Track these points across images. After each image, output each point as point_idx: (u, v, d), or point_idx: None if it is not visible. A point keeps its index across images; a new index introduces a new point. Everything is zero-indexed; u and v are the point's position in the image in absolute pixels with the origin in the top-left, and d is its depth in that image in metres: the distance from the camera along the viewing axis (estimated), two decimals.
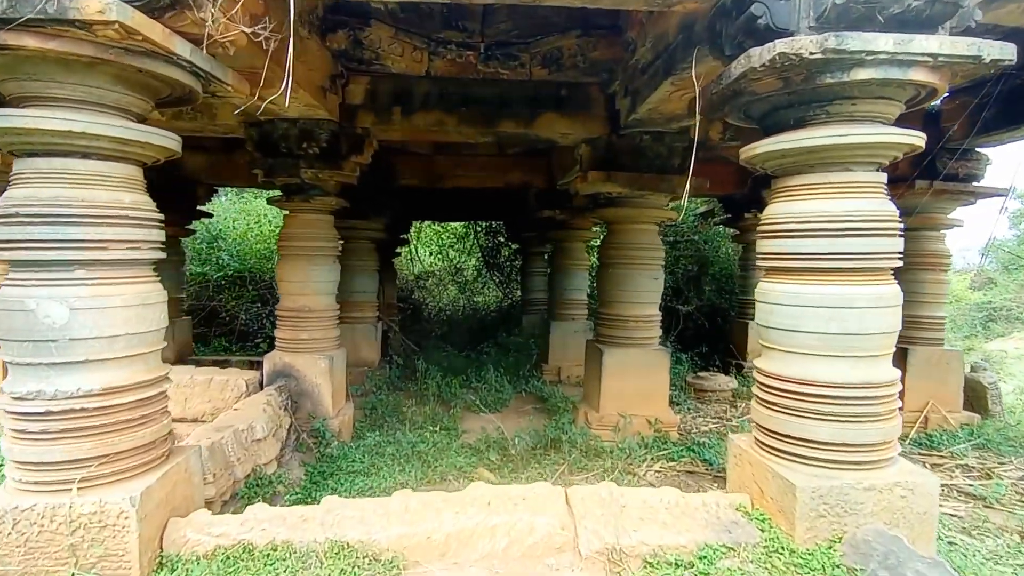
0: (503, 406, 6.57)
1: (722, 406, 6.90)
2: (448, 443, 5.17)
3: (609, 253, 5.46)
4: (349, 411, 5.49)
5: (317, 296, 5.19)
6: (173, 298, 8.30)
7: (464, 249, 15.45)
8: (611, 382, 5.30)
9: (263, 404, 4.17)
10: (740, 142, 5.51)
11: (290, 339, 5.16)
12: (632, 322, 5.36)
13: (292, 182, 5.05)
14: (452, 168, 8.13)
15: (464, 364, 9.12)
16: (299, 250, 5.13)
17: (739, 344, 8.77)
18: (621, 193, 5.25)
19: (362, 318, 8.09)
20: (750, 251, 8.82)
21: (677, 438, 5.36)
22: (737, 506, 2.52)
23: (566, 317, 8.47)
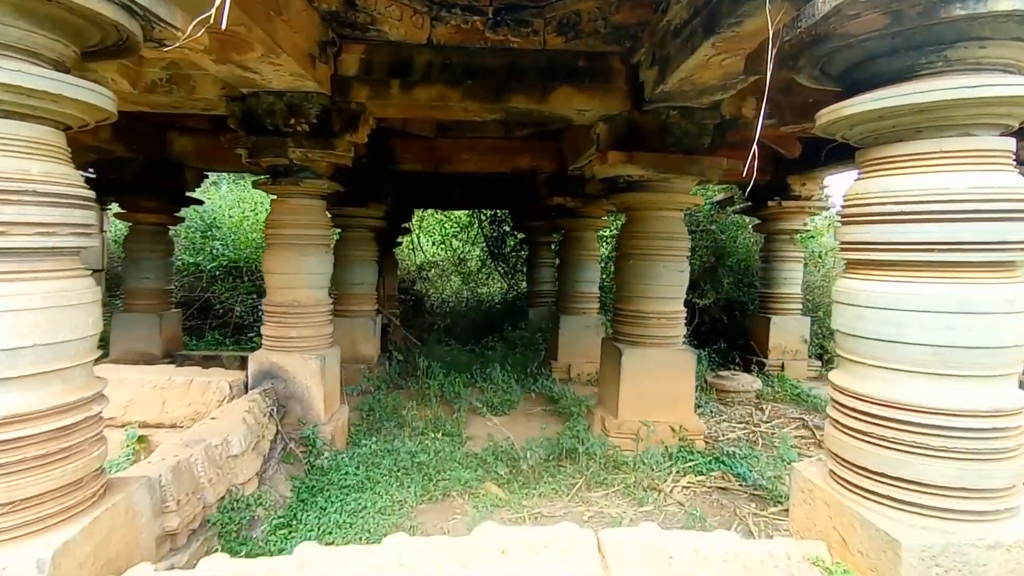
0: (511, 408, 6.09)
1: (746, 408, 6.42)
2: (452, 451, 4.70)
3: (629, 243, 4.95)
4: (343, 415, 5.02)
5: (308, 290, 4.70)
6: (161, 289, 7.90)
7: (468, 239, 14.94)
8: (631, 385, 4.81)
9: (243, 412, 3.69)
10: (776, 120, 5.01)
11: (278, 337, 4.68)
12: (654, 319, 4.87)
13: (279, 163, 4.55)
14: (456, 152, 7.60)
15: (468, 360, 8.65)
16: (288, 239, 4.63)
17: (760, 341, 8.27)
18: (643, 176, 4.74)
19: (360, 311, 7.62)
20: (773, 242, 8.30)
21: (703, 447, 4.87)
22: (813, 559, 2.03)
23: (576, 311, 7.98)
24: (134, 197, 7.23)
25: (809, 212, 8.06)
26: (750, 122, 4.86)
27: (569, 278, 8.03)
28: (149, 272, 7.43)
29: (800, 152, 6.62)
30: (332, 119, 4.55)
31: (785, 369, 7.99)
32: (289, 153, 4.41)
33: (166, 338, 7.55)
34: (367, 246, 7.67)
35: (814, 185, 7.90)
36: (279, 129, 4.40)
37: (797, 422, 5.90)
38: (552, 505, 3.96)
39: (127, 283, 7.47)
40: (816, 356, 8.44)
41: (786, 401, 6.72)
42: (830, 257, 9.37)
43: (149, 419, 4.56)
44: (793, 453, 4.71)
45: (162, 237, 7.58)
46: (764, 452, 4.94)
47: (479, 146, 7.60)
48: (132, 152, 6.60)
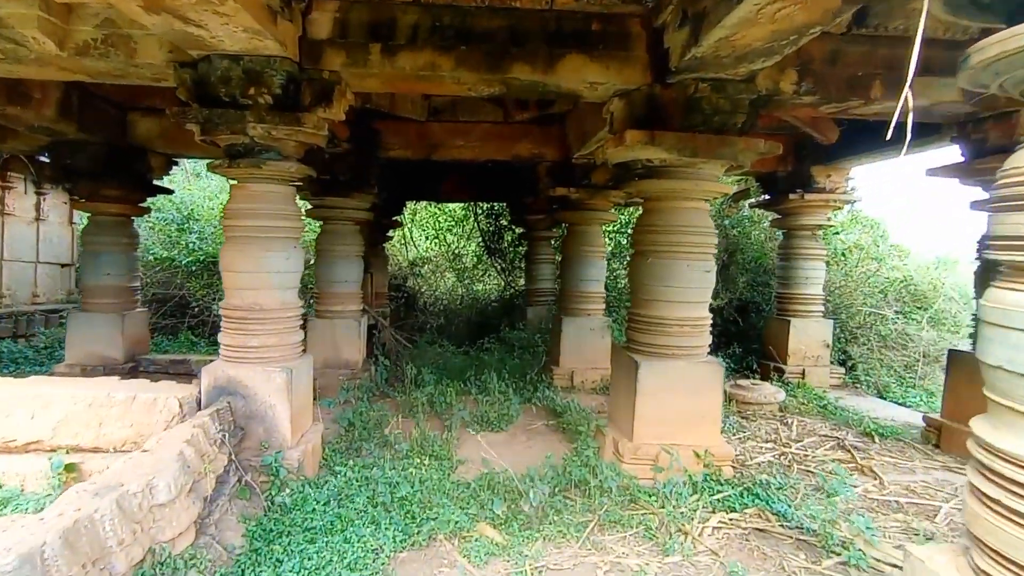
0: (509, 423, 5.42)
1: (771, 424, 5.77)
2: (440, 480, 4.03)
3: (647, 239, 4.28)
4: (315, 436, 4.34)
5: (272, 291, 4.01)
6: (123, 287, 7.15)
7: (463, 233, 14.25)
8: (649, 403, 4.15)
9: (182, 443, 3.01)
10: (819, 97, 4.33)
11: (237, 346, 4.00)
12: (676, 326, 4.20)
13: (237, 141, 3.86)
14: (449, 137, 6.91)
15: (462, 364, 8.00)
16: (248, 231, 3.94)
17: (778, 345, 7.62)
18: (665, 161, 4.06)
19: (343, 312, 6.93)
20: (793, 238, 7.65)
21: (731, 474, 4.22)
22: None
23: (580, 312, 7.31)
24: (93, 185, 6.52)
25: (833, 206, 7.40)
26: (788, 99, 4.19)
27: (572, 276, 7.35)
28: (110, 268, 6.72)
29: (837, 137, 5.95)
30: (301, 90, 3.86)
31: (806, 376, 7.35)
32: (249, 129, 3.72)
33: (129, 340, 6.86)
34: (351, 240, 6.97)
35: (840, 176, 7.25)
36: (236, 101, 3.70)
37: (830, 440, 5.25)
38: (559, 552, 3.29)
39: (85, 280, 6.77)
40: (839, 362, 7.80)
41: (813, 414, 6.08)
42: (853, 254, 8.73)
43: (83, 443, 3.87)
44: (840, 485, 4.05)
45: (125, 229, 6.87)
46: (801, 479, 4.29)
47: (475, 131, 6.91)
48: (87, 134, 5.89)
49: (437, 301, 13.23)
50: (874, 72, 4.11)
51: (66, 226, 10.68)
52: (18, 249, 9.73)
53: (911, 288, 8.40)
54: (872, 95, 4.11)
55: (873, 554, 3.13)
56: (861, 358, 7.67)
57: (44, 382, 4.14)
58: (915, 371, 7.43)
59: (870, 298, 8.19)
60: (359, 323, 6.99)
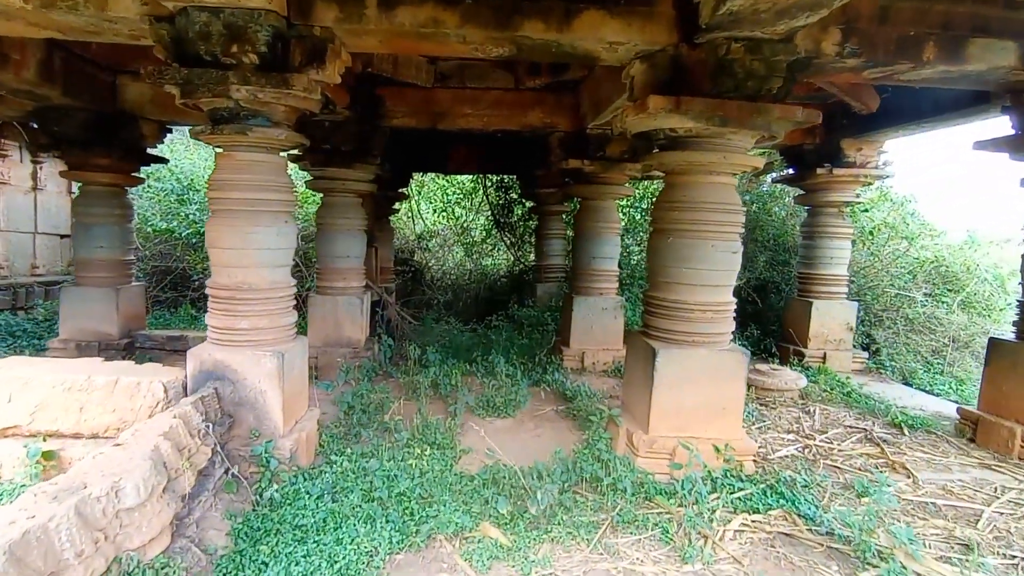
0: (516, 408, 5.16)
1: (791, 412, 5.47)
2: (441, 473, 3.78)
3: (668, 216, 3.93)
4: (310, 422, 4.09)
5: (260, 269, 3.72)
6: (117, 260, 6.87)
7: (472, 206, 13.87)
8: (667, 394, 3.86)
9: (158, 436, 2.76)
10: (864, 59, 3.91)
11: (224, 328, 3.73)
12: (698, 311, 3.88)
13: (220, 105, 3.52)
14: (456, 105, 6.52)
15: (469, 343, 7.74)
16: (235, 204, 3.63)
17: (799, 327, 7.28)
18: (691, 131, 3.68)
19: (345, 288, 6.64)
20: (818, 215, 7.24)
21: (752, 470, 3.94)
22: None
23: (592, 291, 6.99)
24: (82, 153, 6.22)
25: (863, 181, 6.97)
26: (829, 62, 3.79)
27: (585, 253, 7.01)
28: (103, 240, 6.46)
29: (878, 106, 5.50)
30: (289, 49, 3.50)
31: (827, 360, 7.03)
32: (232, 92, 3.37)
33: (125, 315, 6.63)
34: (353, 213, 6.65)
35: (872, 150, 6.80)
36: (218, 60, 3.35)
37: (857, 432, 4.95)
38: (568, 557, 3.04)
39: (78, 253, 6.51)
40: (862, 346, 7.45)
41: (836, 402, 5.77)
42: (881, 233, 8.28)
43: (63, 428, 3.65)
44: (870, 484, 3.76)
45: (117, 200, 6.58)
46: (828, 476, 4.00)
47: (484, 99, 6.52)
48: (73, 99, 5.56)
49: (444, 276, 12.94)
50: (928, 32, 3.69)
51: (64, 196, 10.42)
52: (16, 219, 9.50)
53: (942, 269, 7.98)
54: (924, 57, 3.70)
55: (915, 568, 2.84)
56: (886, 342, 7.32)
57: (22, 363, 3.91)
58: (943, 357, 7.08)
59: (897, 279, 7.79)
60: (362, 300, 6.71)
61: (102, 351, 6.45)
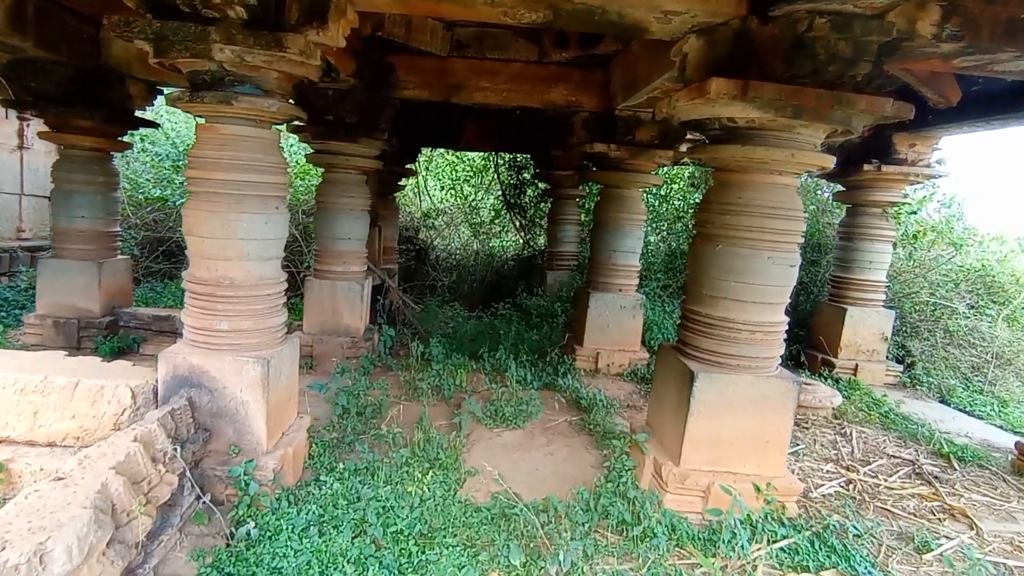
0: (526, 419, 4.69)
1: (826, 433, 5.00)
2: (443, 501, 3.33)
3: (718, 220, 3.40)
4: (299, 433, 3.63)
5: (245, 262, 3.21)
6: (100, 231, 6.31)
7: (482, 185, 13.27)
8: (703, 423, 3.38)
9: (108, 473, 2.28)
10: (966, 43, 3.34)
11: (202, 328, 3.24)
12: (746, 332, 3.37)
13: (201, 68, 2.98)
14: (474, 77, 5.92)
15: (475, 333, 7.28)
16: (216, 186, 3.11)
17: (830, 336, 6.80)
18: (753, 122, 3.13)
19: (345, 273, 6.15)
20: (859, 215, 6.70)
21: (795, 513, 3.48)
22: None
23: (611, 287, 6.48)
24: (62, 114, 5.65)
25: (912, 180, 6.40)
26: (923, 45, 3.20)
27: (604, 246, 6.48)
28: (84, 209, 5.94)
29: (959, 100, 4.90)
30: (285, 3, 2.94)
31: (859, 372, 6.55)
32: (214, 52, 2.83)
33: (108, 291, 6.15)
34: (356, 192, 6.12)
35: (926, 147, 6.21)
36: (198, 12, 2.80)
37: (903, 464, 4.48)
38: None
39: (56, 222, 5.99)
40: (896, 358, 6.96)
41: (873, 424, 5.30)
42: (926, 237, 7.72)
43: (15, 435, 3.20)
44: (932, 538, 3.31)
45: (102, 166, 6.05)
46: (881, 523, 3.54)
47: (504, 72, 5.92)
48: (49, 52, 4.99)
49: (450, 256, 12.43)
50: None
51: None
52: (0, 179, 8.97)
53: (987, 279, 7.44)
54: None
55: None
56: (922, 355, 6.82)
57: None
58: (984, 374, 6.59)
59: (938, 287, 7.26)
60: (362, 286, 6.22)
61: (82, 329, 6.00)
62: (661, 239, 10.14)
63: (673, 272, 8.84)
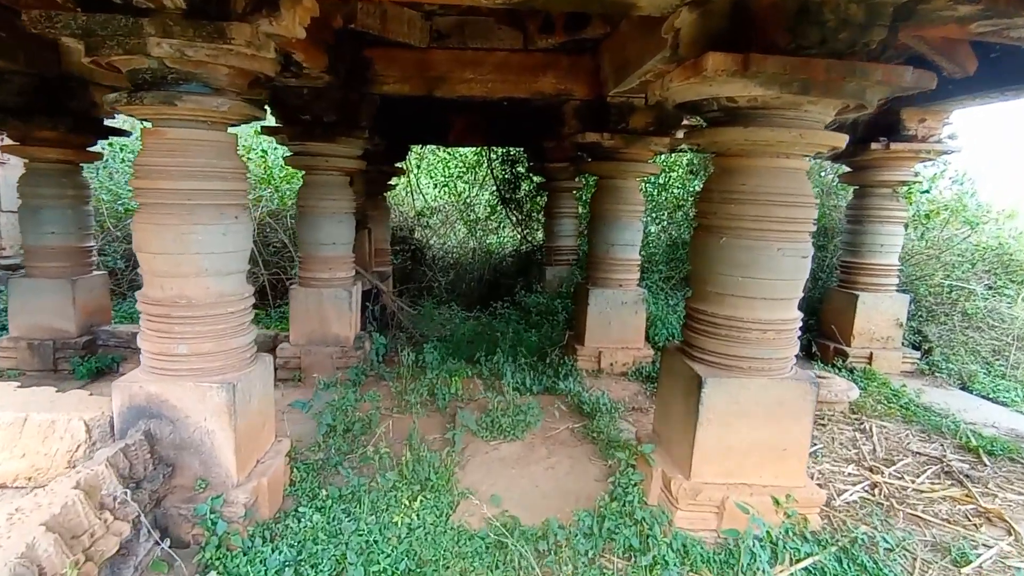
0: (526, 429, 4.40)
1: (844, 430, 4.71)
2: (435, 527, 3.05)
3: (721, 210, 3.10)
4: (278, 458, 3.35)
5: (202, 279, 2.92)
6: (73, 248, 6.00)
7: (476, 181, 12.95)
8: (714, 432, 3.09)
9: (38, 528, 2.00)
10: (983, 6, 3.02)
11: (158, 354, 2.96)
12: (756, 331, 3.08)
13: (140, 66, 2.68)
14: (456, 69, 5.61)
15: (472, 334, 7.00)
16: (166, 196, 2.82)
17: (841, 324, 6.48)
18: (756, 100, 2.82)
19: (331, 280, 5.86)
20: (868, 196, 6.37)
21: (818, 525, 3.19)
22: None
23: (610, 283, 6.17)
24: (23, 124, 5.36)
25: (923, 157, 6.06)
26: (939, 9, 2.88)
27: (602, 239, 6.17)
28: (55, 225, 5.65)
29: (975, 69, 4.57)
30: None
31: (873, 361, 6.25)
32: (151, 47, 2.53)
33: (84, 310, 5.88)
34: (339, 194, 5.82)
35: (937, 121, 5.88)
36: (130, 2, 2.50)
37: (930, 462, 4.18)
38: None
39: (26, 240, 5.71)
40: (912, 345, 6.64)
41: (893, 417, 4.99)
42: (940, 216, 7.38)
43: None
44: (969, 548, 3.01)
45: (70, 179, 5.76)
46: (913, 532, 3.25)
47: (488, 61, 5.60)
48: (8, 62, 4.71)
49: (447, 255, 12.14)
50: None
51: None
52: None
53: (1005, 257, 7.11)
54: None
55: None
56: (940, 340, 6.51)
57: None
58: (1005, 357, 6.27)
59: (954, 268, 6.93)
60: (350, 292, 5.92)
61: (58, 351, 5.73)
62: (661, 229, 9.83)
63: (675, 263, 8.53)
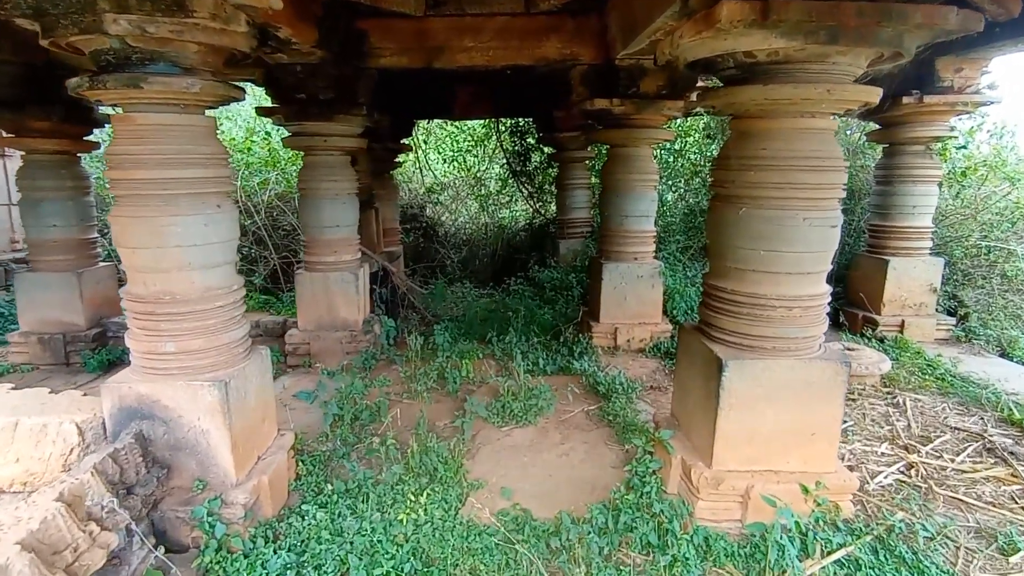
0: (538, 413, 4.24)
1: (875, 405, 4.46)
2: (443, 522, 2.91)
3: (740, 178, 2.84)
4: (280, 454, 3.23)
5: (185, 272, 2.76)
6: (76, 240, 5.93)
7: (485, 155, 12.64)
8: (737, 418, 2.88)
9: (12, 547, 1.89)
10: None
11: (146, 353, 2.82)
12: (781, 309, 2.84)
13: (102, 47, 2.49)
14: (455, 37, 5.32)
15: (485, 312, 6.84)
16: (141, 186, 2.65)
17: (871, 291, 6.17)
18: (776, 53, 2.53)
19: (337, 263, 5.71)
20: (899, 155, 5.99)
21: (851, 513, 2.98)
22: None
23: (625, 256, 5.92)
24: (17, 116, 5.23)
25: (959, 110, 5.64)
26: None
27: (615, 211, 5.91)
28: (56, 218, 5.57)
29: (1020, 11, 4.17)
30: None
31: (905, 329, 5.94)
32: (108, 25, 2.33)
33: (91, 302, 5.82)
34: (340, 174, 5.63)
35: (974, 71, 5.44)
36: None
37: (968, 438, 3.93)
38: None
39: (29, 234, 5.64)
40: (947, 311, 6.30)
41: (929, 389, 4.73)
42: (977, 174, 6.93)
43: None
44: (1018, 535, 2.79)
45: (69, 170, 5.64)
46: (953, 517, 3.03)
47: (488, 27, 5.30)
48: None
49: (459, 231, 11.93)
50: None
51: None
52: None
53: None
54: None
55: None
56: (977, 305, 6.16)
57: None
58: None
59: (993, 228, 6.52)
60: (356, 275, 5.77)
61: (68, 344, 5.69)
62: (678, 197, 9.48)
63: (693, 232, 8.21)
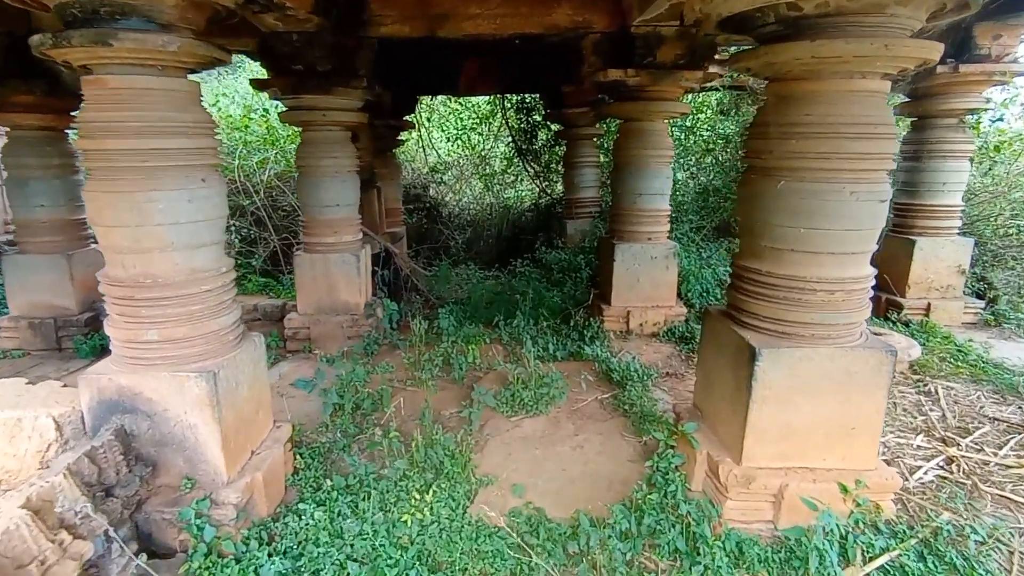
0: (550, 402, 4.02)
1: (907, 394, 4.22)
2: (450, 523, 2.70)
3: (779, 148, 2.56)
4: (276, 448, 3.02)
5: (168, 253, 2.52)
6: (65, 220, 5.66)
7: (490, 132, 12.30)
8: (771, 411, 2.64)
9: None
10: None
11: (127, 341, 2.59)
12: (822, 293, 2.59)
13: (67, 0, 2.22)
14: (460, 3, 5.00)
15: (491, 295, 6.61)
16: (117, 158, 2.39)
17: (895, 273, 5.88)
18: (828, 4, 2.24)
19: (337, 244, 5.46)
20: (929, 128, 5.67)
21: (893, 513, 2.76)
22: None
23: (638, 236, 5.66)
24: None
25: (996, 80, 5.30)
26: None
27: (628, 190, 5.62)
28: (43, 197, 5.31)
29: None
30: None
31: (931, 312, 5.68)
32: None
33: (83, 285, 5.57)
34: (340, 151, 5.35)
35: (1013, 37, 5.11)
36: None
37: (1010, 430, 3.69)
38: None
39: (16, 214, 5.39)
40: (975, 293, 6.03)
41: (961, 376, 4.48)
42: (1011, 149, 6.60)
43: None
44: None
45: (55, 147, 5.36)
46: (1004, 518, 2.81)
47: None
48: None
49: (463, 211, 11.64)
50: None
51: None
52: None
53: None
54: None
55: None
56: (1007, 287, 5.89)
57: None
58: None
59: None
60: (358, 257, 5.52)
61: (60, 328, 5.48)
62: (690, 175, 9.16)
63: (707, 212, 7.92)
